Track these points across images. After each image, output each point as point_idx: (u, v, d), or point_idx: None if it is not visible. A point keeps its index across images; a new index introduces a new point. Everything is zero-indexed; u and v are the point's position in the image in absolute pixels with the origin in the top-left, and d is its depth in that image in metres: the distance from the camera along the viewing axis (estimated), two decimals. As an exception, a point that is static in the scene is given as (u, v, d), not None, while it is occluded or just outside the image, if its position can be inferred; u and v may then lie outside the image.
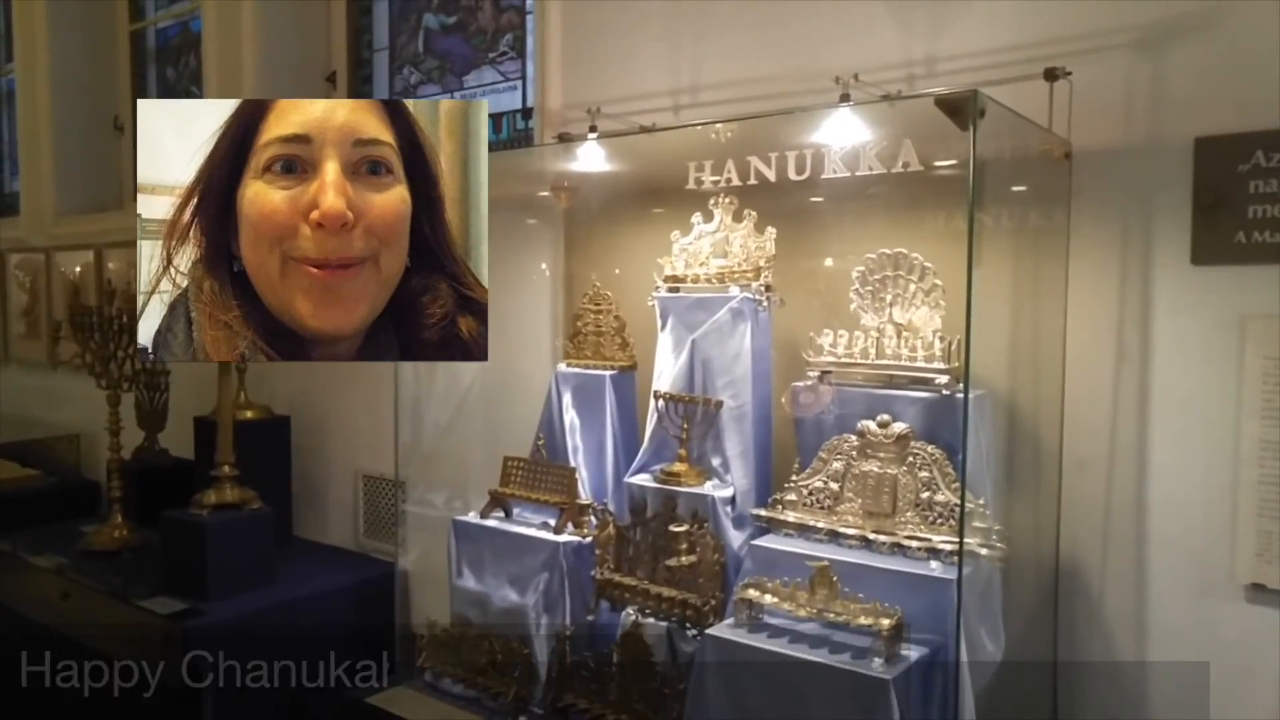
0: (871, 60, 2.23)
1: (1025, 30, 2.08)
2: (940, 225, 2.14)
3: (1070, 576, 2.06)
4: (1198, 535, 1.93)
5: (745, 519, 2.14)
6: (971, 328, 1.66)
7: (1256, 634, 1.86)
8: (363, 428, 3.38)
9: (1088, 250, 2.04)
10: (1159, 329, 1.98)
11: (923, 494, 1.94)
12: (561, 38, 2.89)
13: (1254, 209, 1.87)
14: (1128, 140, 1.99)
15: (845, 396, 2.08)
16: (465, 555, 2.43)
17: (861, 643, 1.77)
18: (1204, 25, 1.90)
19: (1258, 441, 1.86)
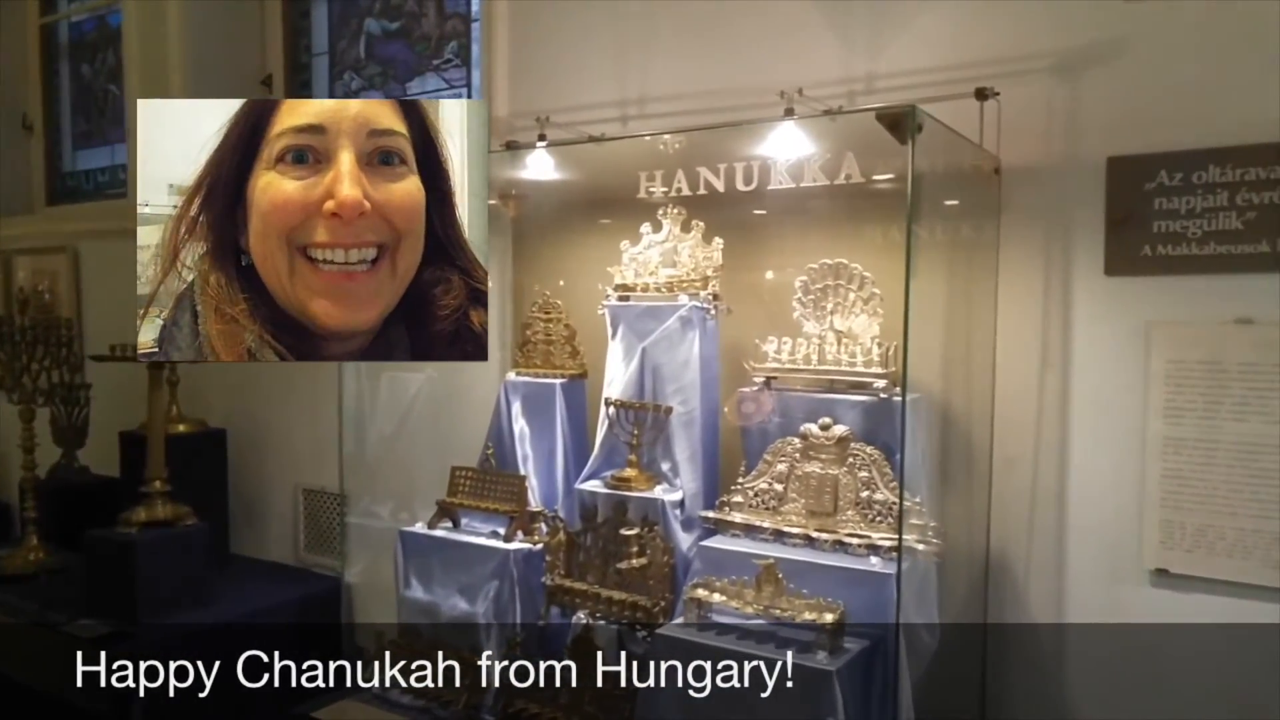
0: (815, 76, 2.41)
1: (958, 51, 2.29)
2: (879, 236, 2.33)
3: (999, 568, 2.27)
4: (1110, 526, 2.15)
5: (694, 521, 2.28)
6: (909, 335, 1.83)
7: (1158, 613, 2.10)
8: (303, 441, 3.42)
9: (1015, 261, 2.26)
10: (1078, 336, 2.20)
11: (862, 493, 2.11)
12: (509, 46, 3.01)
13: (1158, 224, 2.11)
14: (1050, 158, 2.21)
15: (788, 401, 2.24)
16: (413, 566, 2.50)
17: (806, 637, 1.92)
18: (1114, 54, 2.14)
19: (1162, 438, 2.10)
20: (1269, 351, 2.00)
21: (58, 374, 3.64)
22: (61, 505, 3.49)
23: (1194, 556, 2.09)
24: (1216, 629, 2.07)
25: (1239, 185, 2.02)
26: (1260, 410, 2.02)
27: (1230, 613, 2.05)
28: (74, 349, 3.69)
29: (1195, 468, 2.08)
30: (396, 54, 3.53)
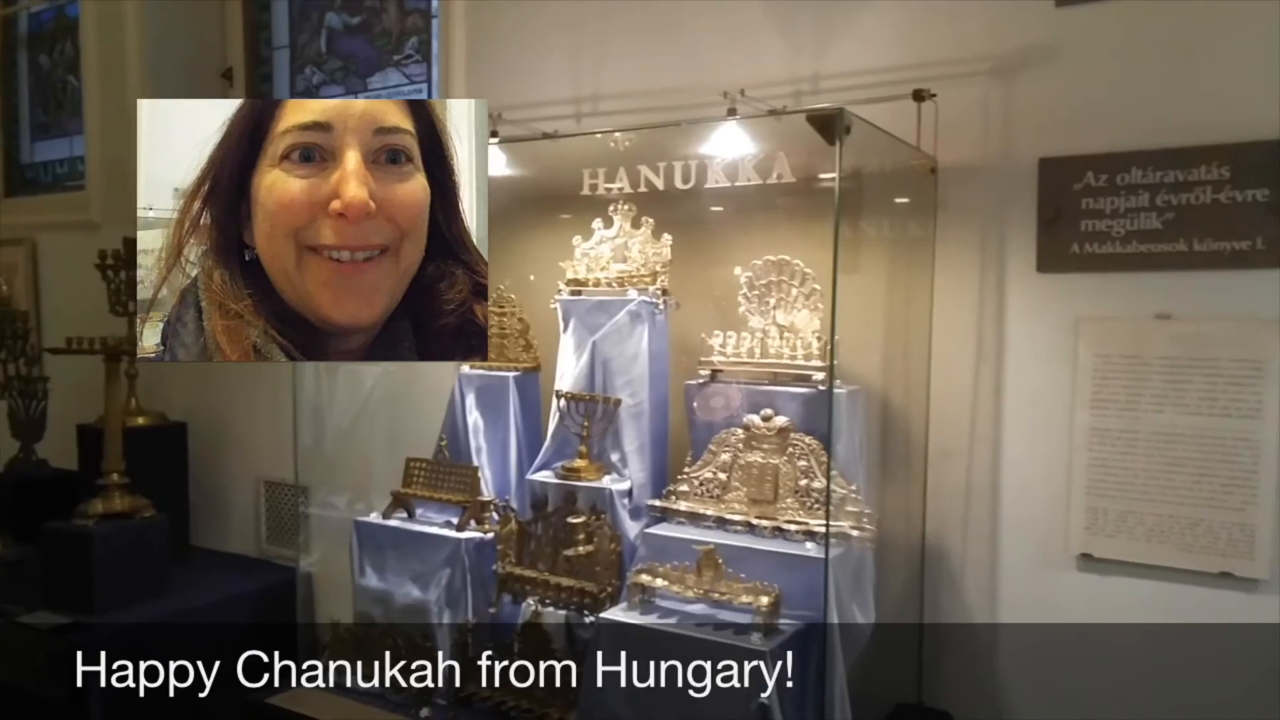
0: (762, 76, 2.49)
1: (899, 54, 2.38)
2: (822, 233, 2.40)
3: (936, 554, 2.37)
4: (1040, 513, 2.26)
5: (642, 510, 2.36)
6: (836, 328, 1.93)
7: (1086, 597, 2.21)
8: (264, 433, 3.46)
9: (951, 258, 2.35)
10: (1011, 330, 2.30)
11: (801, 481, 2.20)
12: (465, 43, 3.06)
13: (1086, 223, 2.21)
14: (985, 158, 2.31)
15: (732, 392, 2.32)
16: (368, 555, 2.57)
17: (744, 619, 2.01)
18: (1046, 59, 2.24)
19: (1088, 429, 2.21)
20: (1186, 346, 2.12)
21: (14, 367, 3.66)
22: (19, 498, 3.51)
23: (1116, 541, 2.20)
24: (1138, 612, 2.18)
25: (1159, 187, 2.13)
26: (1177, 402, 2.13)
27: (1148, 594, 2.16)
28: (31, 342, 3.71)
29: (1118, 457, 2.19)
30: (357, 49, 3.57)
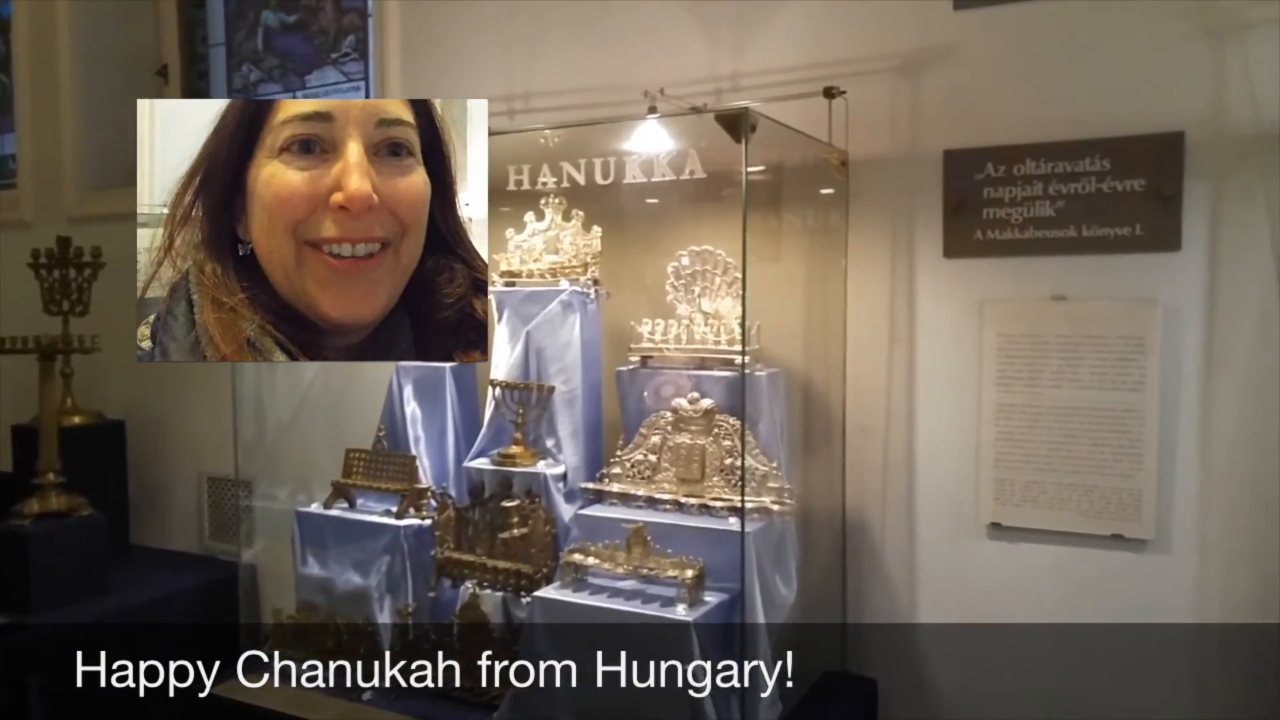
0: (685, 74, 2.62)
1: (813, 52, 2.52)
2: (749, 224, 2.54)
3: (856, 526, 2.51)
4: (952, 485, 2.42)
5: (576, 493, 2.46)
6: (748, 315, 2.07)
7: (995, 563, 2.37)
8: (205, 429, 3.48)
9: (864, 246, 2.50)
10: (921, 313, 2.45)
11: (726, 460, 2.32)
12: (401, 41, 3.13)
13: (987, 211, 2.37)
14: (893, 151, 2.45)
15: (662, 377, 2.44)
16: (309, 545, 2.63)
17: (671, 593, 2.12)
18: (947, 57, 2.39)
19: (994, 405, 2.36)
20: (1080, 325, 2.28)
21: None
22: (-49, 502, 3.48)
23: (1022, 510, 2.36)
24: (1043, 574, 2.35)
25: (1051, 177, 2.30)
26: (1073, 378, 2.30)
27: (1051, 558, 2.33)
28: (-37, 343, 3.68)
29: (1022, 430, 2.35)
30: (295, 47, 3.60)
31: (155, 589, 3.07)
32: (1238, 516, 2.16)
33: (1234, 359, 2.16)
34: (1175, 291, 2.19)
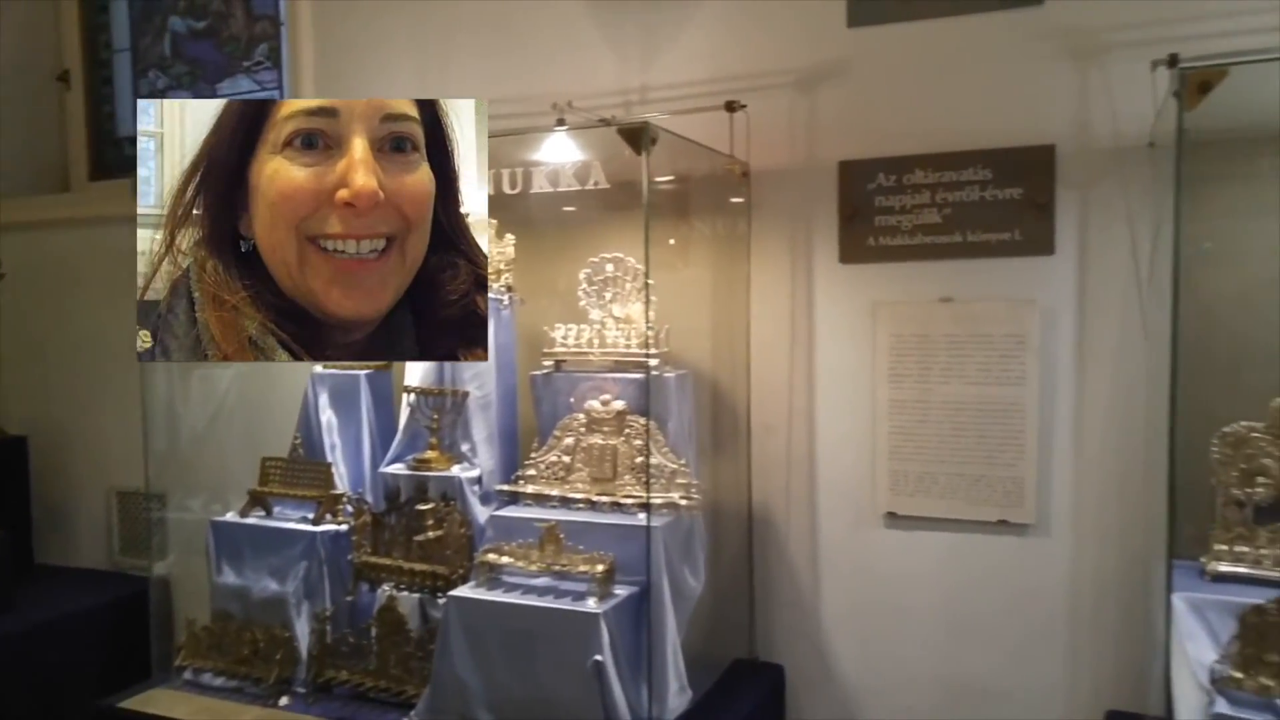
0: (596, 87, 2.71)
1: (715, 67, 2.64)
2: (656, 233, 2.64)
3: (762, 519, 2.64)
4: (851, 478, 2.56)
5: (492, 495, 2.52)
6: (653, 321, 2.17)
7: (892, 550, 2.52)
8: (114, 442, 3.42)
9: (765, 252, 2.63)
10: (819, 316, 2.59)
11: (637, 459, 2.42)
12: (314, 50, 3.14)
13: (879, 219, 2.52)
14: (791, 162, 2.59)
15: (574, 380, 2.52)
16: (225, 554, 2.62)
17: (583, 588, 2.20)
18: (840, 72, 2.54)
19: (888, 401, 2.51)
20: (964, 325, 2.45)
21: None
22: None
23: (915, 500, 2.52)
24: (935, 559, 2.50)
25: (937, 186, 2.46)
26: (959, 375, 2.46)
27: (943, 544, 2.48)
28: None
29: (914, 424, 2.51)
30: (204, 54, 3.57)
31: (62, 607, 3.01)
32: (1108, 501, 2.34)
33: (1102, 354, 2.35)
34: (1050, 292, 2.37)
